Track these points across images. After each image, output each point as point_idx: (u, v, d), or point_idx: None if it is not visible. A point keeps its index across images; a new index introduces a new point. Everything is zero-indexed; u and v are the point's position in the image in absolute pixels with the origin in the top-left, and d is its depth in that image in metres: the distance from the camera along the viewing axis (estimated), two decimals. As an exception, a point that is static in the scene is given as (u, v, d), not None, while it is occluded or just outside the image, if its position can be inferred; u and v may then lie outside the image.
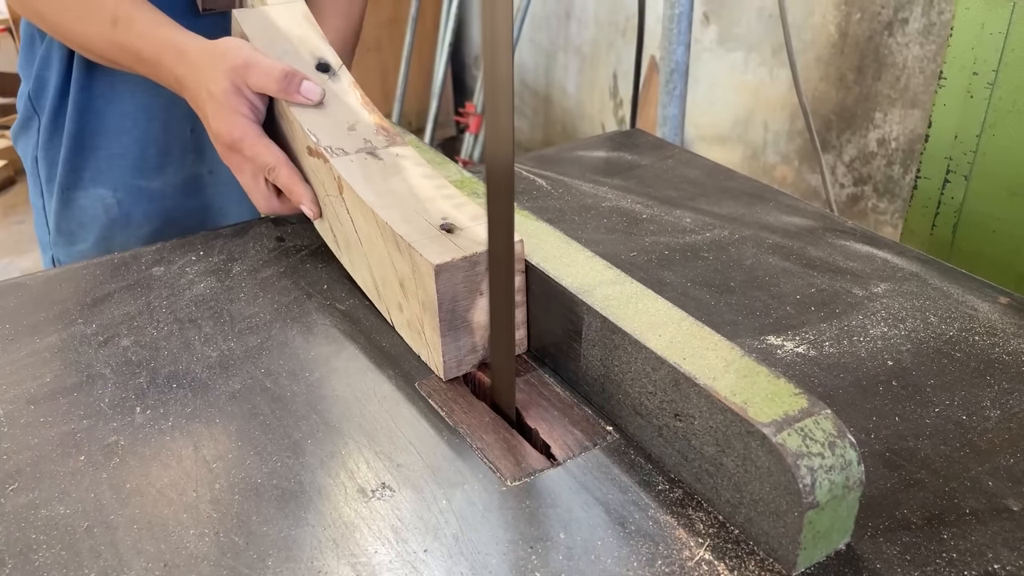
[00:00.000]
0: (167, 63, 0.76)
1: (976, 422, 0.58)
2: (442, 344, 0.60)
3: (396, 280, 0.64)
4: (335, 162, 0.68)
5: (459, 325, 0.60)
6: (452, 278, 0.58)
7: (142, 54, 0.77)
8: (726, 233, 0.84)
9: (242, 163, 0.75)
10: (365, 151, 0.70)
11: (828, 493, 0.45)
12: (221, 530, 0.49)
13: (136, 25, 0.77)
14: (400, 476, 0.54)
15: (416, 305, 0.62)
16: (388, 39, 3.13)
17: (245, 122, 0.73)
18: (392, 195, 0.66)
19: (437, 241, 0.60)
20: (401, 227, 0.61)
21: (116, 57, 0.80)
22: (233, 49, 0.73)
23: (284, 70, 0.72)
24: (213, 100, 0.73)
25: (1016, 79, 0.88)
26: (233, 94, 0.72)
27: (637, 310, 0.56)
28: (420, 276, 0.60)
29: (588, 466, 0.55)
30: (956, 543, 0.49)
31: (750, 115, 2.23)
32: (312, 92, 0.73)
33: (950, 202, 0.96)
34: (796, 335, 0.68)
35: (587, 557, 0.48)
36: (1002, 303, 0.72)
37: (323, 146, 0.70)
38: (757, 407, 0.47)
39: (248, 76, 0.72)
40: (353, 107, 0.75)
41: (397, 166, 0.69)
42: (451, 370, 0.62)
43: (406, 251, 0.60)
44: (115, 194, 0.93)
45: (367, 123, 0.74)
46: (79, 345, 0.66)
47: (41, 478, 0.53)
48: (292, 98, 0.73)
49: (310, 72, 0.76)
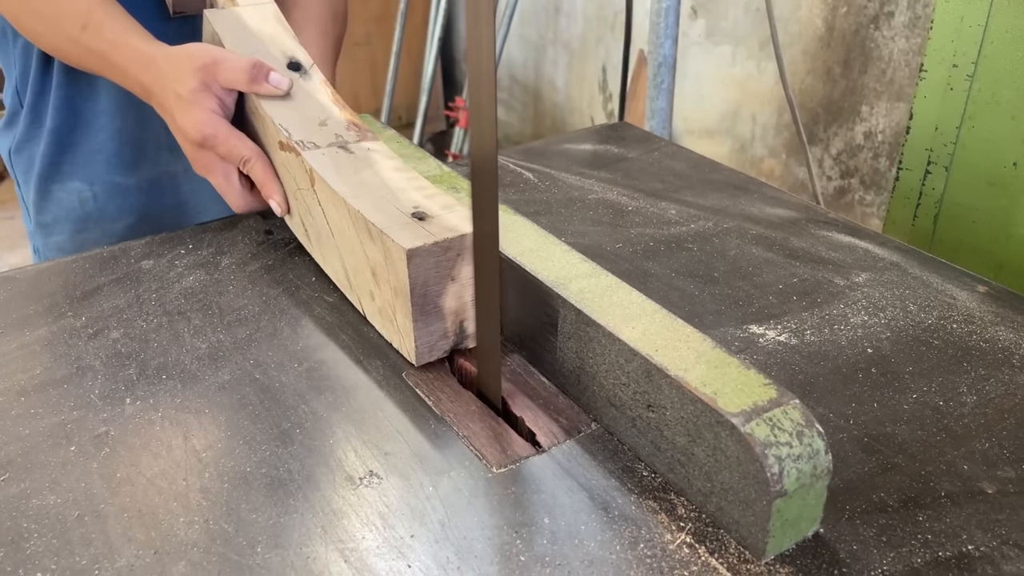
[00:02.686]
0: (134, 71, 0.77)
1: (952, 408, 0.60)
2: (414, 329, 0.61)
3: (368, 268, 0.65)
4: (307, 155, 0.69)
5: (430, 311, 0.61)
6: (424, 263, 0.59)
7: (111, 59, 0.78)
8: (710, 224, 0.85)
9: (213, 162, 0.75)
10: (336, 145, 0.72)
11: (796, 482, 0.46)
12: (210, 518, 0.50)
13: (106, 31, 0.78)
14: (387, 464, 0.54)
15: (388, 292, 0.63)
16: (377, 34, 3.13)
17: (215, 118, 0.74)
18: (364, 186, 0.66)
19: (409, 228, 0.61)
20: (373, 215, 0.62)
21: (85, 61, 0.81)
22: (199, 50, 0.74)
23: (251, 61, 0.73)
24: (181, 100, 0.73)
25: (995, 71, 0.89)
26: (201, 91, 0.73)
27: (611, 303, 0.57)
28: (392, 262, 0.60)
29: (572, 453, 0.56)
30: (931, 525, 0.50)
31: (738, 109, 2.24)
32: (279, 82, 0.74)
33: (931, 193, 0.97)
34: (778, 324, 0.69)
35: (571, 541, 0.49)
36: (980, 292, 0.73)
37: (295, 140, 0.71)
38: (727, 397, 0.48)
39: (217, 73, 0.73)
40: (324, 104, 0.76)
41: (368, 159, 0.71)
42: (423, 355, 0.63)
43: (378, 237, 0.61)
44: (91, 188, 0.93)
45: (338, 119, 0.75)
46: (69, 338, 0.67)
47: (32, 468, 0.54)
48: (261, 88, 0.74)
49: (281, 69, 0.77)
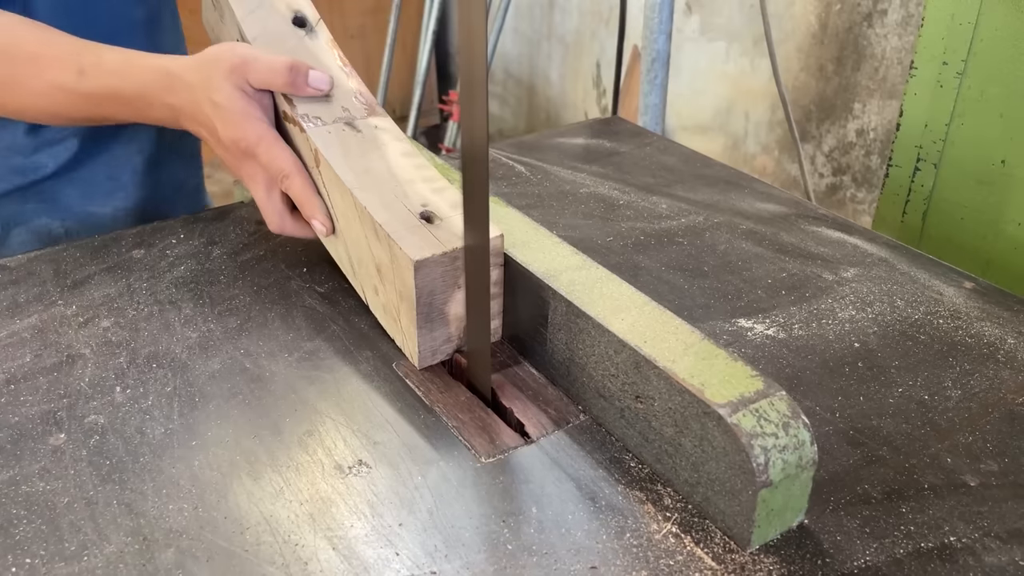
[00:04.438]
0: (155, 93, 0.70)
1: (937, 402, 0.60)
2: (418, 335, 0.60)
3: (372, 263, 0.64)
4: (312, 133, 0.66)
5: (435, 317, 0.60)
6: (431, 272, 0.58)
7: (122, 93, 0.71)
8: (701, 219, 0.86)
9: (256, 172, 0.69)
10: (343, 121, 0.68)
11: (781, 472, 0.46)
12: (200, 505, 0.50)
13: (106, 66, 0.71)
14: (377, 453, 0.55)
15: (392, 293, 0.62)
16: (372, 27, 3.13)
17: (260, 125, 0.67)
18: (370, 175, 0.64)
19: (417, 232, 0.59)
20: (380, 214, 0.61)
21: (88, 111, 0.74)
22: (226, 52, 0.67)
23: (288, 63, 0.66)
24: (219, 109, 0.67)
25: (984, 69, 0.90)
26: (239, 98, 0.67)
27: (601, 294, 0.57)
28: (399, 268, 0.59)
29: (560, 444, 0.56)
30: (914, 516, 0.51)
31: (731, 105, 2.24)
32: (321, 82, 0.68)
33: (920, 190, 0.98)
34: (767, 318, 0.69)
35: (558, 530, 0.49)
36: (967, 288, 0.74)
37: (299, 113, 0.67)
38: (714, 389, 0.48)
39: (249, 73, 0.66)
40: (332, 69, 0.71)
41: (376, 140, 0.67)
42: (425, 359, 0.62)
43: (385, 240, 0.60)
44: (63, 223, 0.89)
45: (345, 88, 0.70)
46: (59, 326, 0.67)
47: (22, 455, 0.54)
48: (301, 92, 0.67)
49: (286, 26, 0.72)
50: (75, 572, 0.46)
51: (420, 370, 0.62)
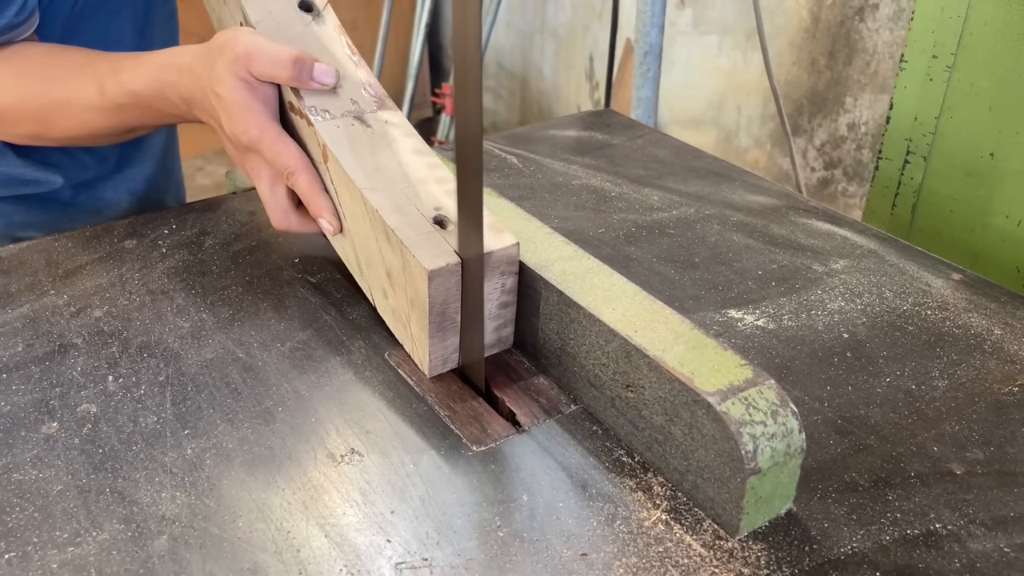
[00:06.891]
0: (170, 87, 0.69)
1: (924, 391, 0.61)
2: (429, 344, 0.59)
3: (383, 267, 0.62)
4: (319, 127, 0.63)
5: (448, 326, 0.59)
6: (445, 282, 0.56)
7: (143, 96, 0.71)
8: (692, 211, 0.86)
9: (260, 167, 0.67)
10: (352, 115, 0.65)
11: (770, 460, 0.47)
12: (193, 493, 0.51)
13: (123, 73, 0.71)
14: (369, 442, 0.55)
15: (403, 299, 0.60)
16: (364, 18, 3.11)
17: (262, 118, 0.65)
18: (381, 174, 0.62)
19: (430, 239, 0.57)
20: (392, 218, 0.58)
21: (118, 122, 0.75)
22: (229, 40, 0.65)
23: (292, 56, 0.64)
24: (221, 101, 0.65)
25: (973, 63, 0.90)
26: (241, 89, 0.64)
27: (592, 285, 0.58)
28: (411, 275, 0.57)
29: (552, 432, 0.56)
30: (900, 504, 0.51)
31: (723, 99, 2.25)
32: (327, 76, 0.65)
33: (909, 182, 0.98)
34: (757, 309, 0.70)
35: (549, 518, 0.50)
36: (955, 279, 0.75)
37: (307, 106, 0.64)
38: (703, 377, 0.49)
39: (252, 65, 0.64)
40: (339, 58, 0.68)
41: (386, 136, 0.64)
42: (436, 368, 0.60)
43: (397, 246, 0.57)
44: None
45: (354, 79, 0.67)
46: (51, 315, 0.67)
47: (14, 444, 0.54)
48: (306, 85, 0.65)
49: (292, 10, 0.69)
50: (68, 559, 0.46)
51: (412, 360, 0.63)
